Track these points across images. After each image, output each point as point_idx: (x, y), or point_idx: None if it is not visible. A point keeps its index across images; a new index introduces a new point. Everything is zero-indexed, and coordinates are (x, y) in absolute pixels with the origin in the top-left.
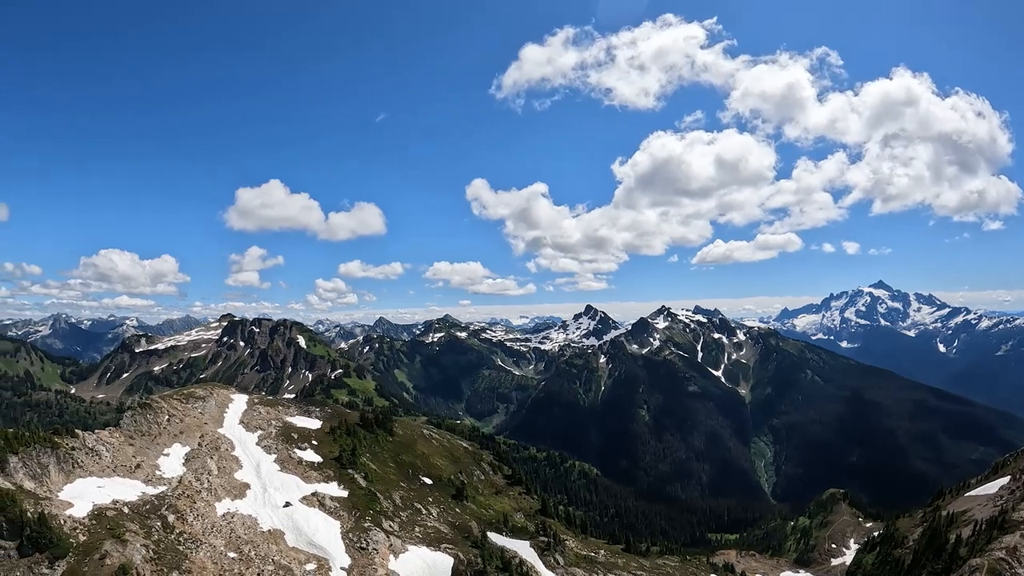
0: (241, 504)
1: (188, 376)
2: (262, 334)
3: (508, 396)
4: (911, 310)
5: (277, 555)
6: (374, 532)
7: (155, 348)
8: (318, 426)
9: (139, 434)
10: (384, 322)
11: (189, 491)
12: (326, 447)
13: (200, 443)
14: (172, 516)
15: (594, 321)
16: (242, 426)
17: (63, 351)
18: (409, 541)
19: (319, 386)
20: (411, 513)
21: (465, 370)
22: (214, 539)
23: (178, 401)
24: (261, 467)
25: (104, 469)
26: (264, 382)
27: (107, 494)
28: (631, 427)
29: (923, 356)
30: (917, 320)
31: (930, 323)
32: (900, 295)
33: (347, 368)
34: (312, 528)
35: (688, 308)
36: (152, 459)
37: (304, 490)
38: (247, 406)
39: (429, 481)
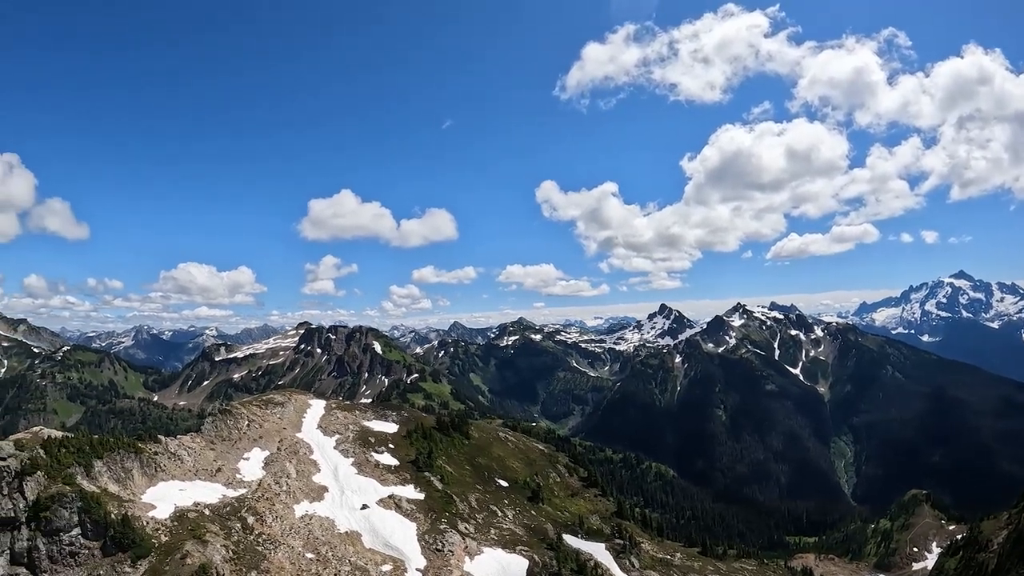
0: (319, 506)
1: (267, 383)
2: (338, 341)
3: (583, 398)
4: (994, 300)
5: (354, 556)
6: (450, 534)
7: (234, 356)
8: (394, 430)
9: (220, 439)
10: (459, 326)
11: (268, 494)
12: (402, 450)
13: (279, 447)
14: (252, 518)
15: (669, 320)
16: (320, 430)
17: (145, 361)
18: (484, 543)
19: (395, 390)
20: (487, 515)
21: (540, 372)
22: (292, 540)
23: (257, 407)
24: (339, 470)
25: (186, 473)
26: (341, 387)
27: (188, 497)
28: (708, 427)
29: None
30: (1001, 311)
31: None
32: (982, 285)
33: (423, 372)
34: (388, 530)
35: (764, 305)
36: (232, 463)
37: (381, 493)
38: (325, 411)
39: (505, 483)
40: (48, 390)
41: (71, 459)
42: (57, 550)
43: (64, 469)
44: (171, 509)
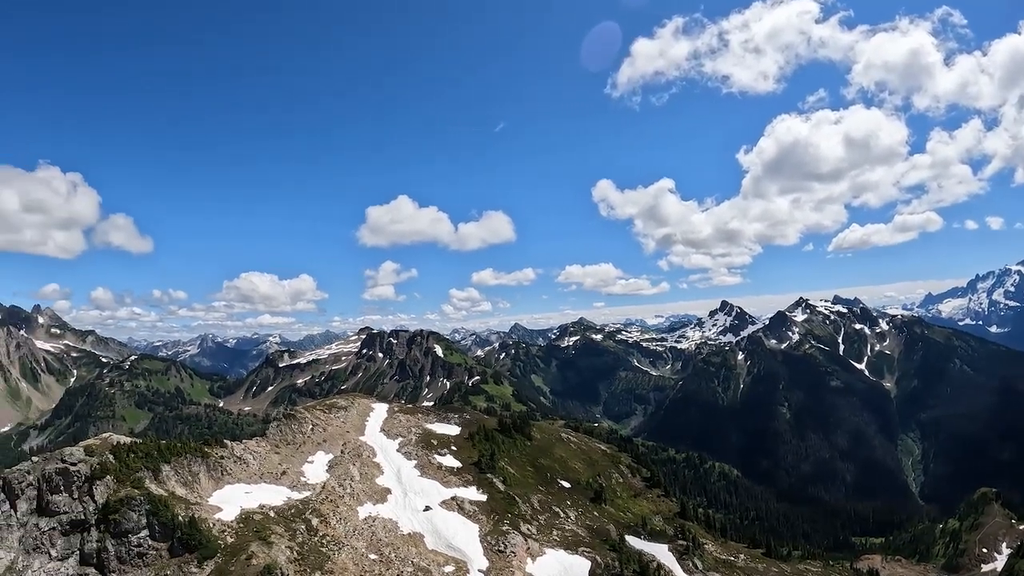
0: (382, 508)
1: (330, 387)
2: (400, 345)
3: (645, 397)
4: None
5: (416, 557)
6: (512, 535)
7: (297, 362)
8: (457, 432)
9: (284, 443)
10: (519, 328)
11: (332, 496)
12: (465, 452)
13: (343, 450)
14: (316, 520)
15: (730, 317)
16: (383, 433)
17: (210, 368)
18: (547, 544)
19: (457, 393)
20: (549, 516)
21: (601, 372)
22: (356, 541)
23: (321, 411)
24: (402, 472)
25: (251, 476)
26: (403, 391)
27: (254, 499)
28: (771, 426)
29: None
30: None
31: None
32: None
33: (484, 375)
34: (451, 531)
35: (827, 299)
36: (297, 466)
37: (444, 494)
38: (387, 414)
39: (567, 484)
40: (117, 398)
41: (140, 463)
42: (125, 551)
43: (133, 473)
44: (237, 511)
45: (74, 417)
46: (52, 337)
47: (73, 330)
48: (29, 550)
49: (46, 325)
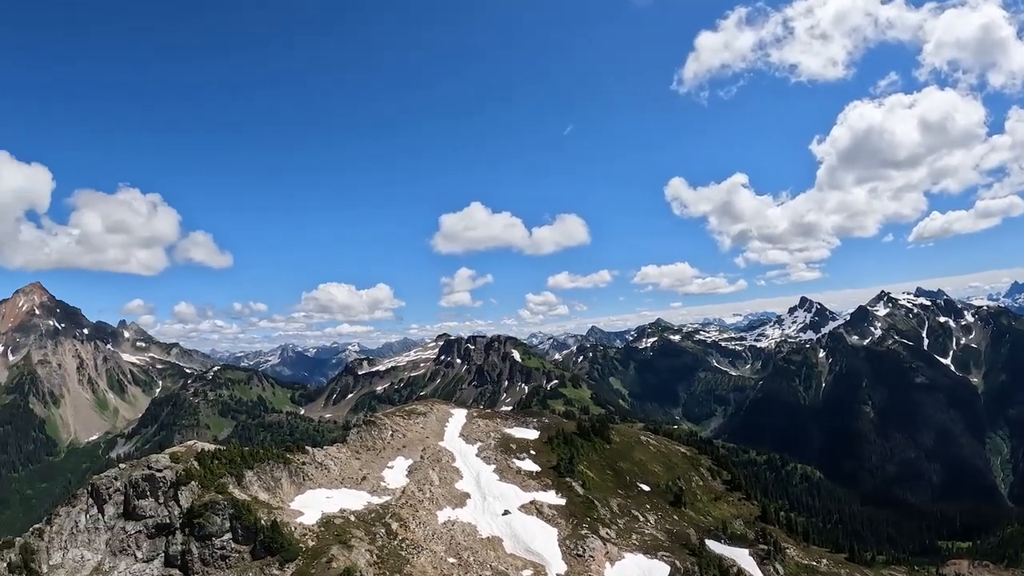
0: (461, 512)
1: (409, 394)
2: (477, 351)
3: (725, 398)
4: None
5: (495, 561)
6: (591, 539)
7: (376, 370)
8: (535, 436)
9: (364, 449)
10: (596, 331)
11: (412, 500)
12: (544, 456)
13: (422, 456)
14: (395, 524)
15: (810, 313)
16: (462, 439)
17: (291, 377)
18: (625, 548)
19: (535, 397)
20: (628, 520)
21: (680, 373)
22: (435, 545)
23: (400, 417)
24: (481, 477)
25: (332, 481)
26: (481, 396)
27: (335, 504)
28: (854, 425)
29: None
30: None
31: None
32: None
33: (562, 378)
34: (529, 535)
35: (909, 291)
36: (377, 471)
37: (522, 498)
38: (466, 419)
39: (646, 488)
40: (201, 407)
41: (223, 470)
42: (209, 553)
43: (217, 479)
44: (318, 515)
45: (159, 426)
46: (137, 350)
47: (158, 343)
48: (116, 552)
49: (132, 339)
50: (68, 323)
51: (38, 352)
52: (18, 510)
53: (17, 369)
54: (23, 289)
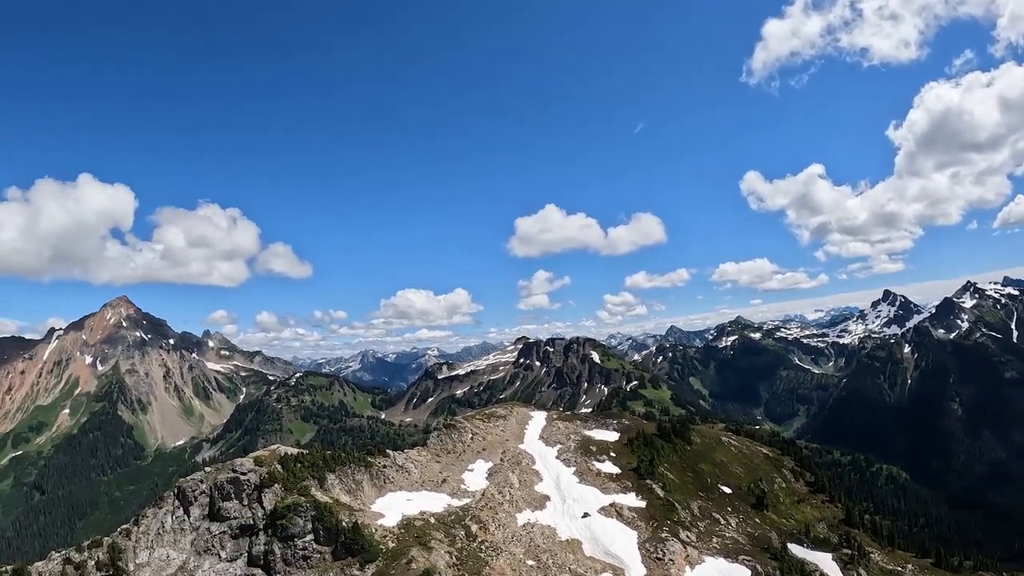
0: (541, 515)
1: (488, 397)
2: (556, 353)
3: (808, 397)
4: None
5: (574, 564)
6: (671, 542)
7: (456, 374)
8: (615, 438)
9: (445, 452)
10: (675, 330)
11: (492, 503)
12: (624, 458)
13: (502, 458)
14: (475, 526)
15: (893, 307)
16: (542, 441)
17: (372, 382)
18: (706, 552)
19: (615, 399)
20: (709, 523)
21: (761, 372)
22: (514, 547)
23: (480, 420)
24: (560, 479)
25: (412, 484)
26: (561, 398)
27: (415, 506)
28: (941, 424)
29: None
30: None
31: None
32: None
33: (642, 379)
34: (609, 538)
35: (996, 280)
36: (457, 474)
37: (602, 501)
38: (546, 422)
39: (728, 490)
40: (283, 412)
41: (306, 472)
42: (291, 554)
43: (299, 482)
44: (398, 517)
45: (243, 431)
46: (222, 359)
47: (241, 352)
48: (200, 551)
49: (216, 348)
50: (154, 334)
51: (126, 362)
52: (106, 511)
53: (106, 378)
54: (110, 303)
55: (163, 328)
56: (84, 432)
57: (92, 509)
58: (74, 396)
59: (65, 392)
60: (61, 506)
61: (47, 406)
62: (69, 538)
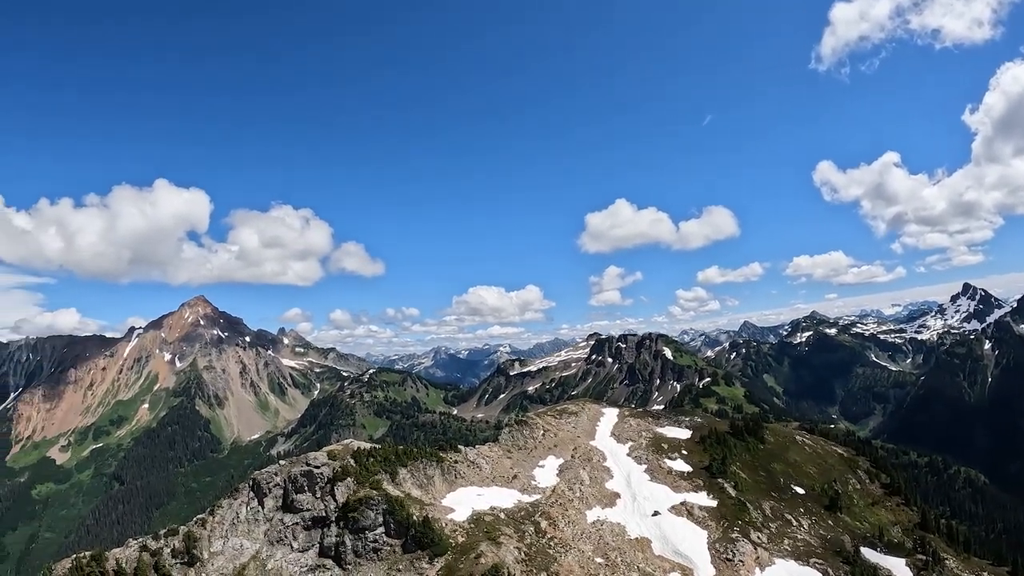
0: (610, 512)
1: (560, 394)
2: (628, 349)
3: (884, 395)
4: None
5: (642, 562)
6: (741, 543)
7: (528, 370)
8: (687, 436)
9: (516, 448)
10: (749, 326)
11: (562, 499)
12: (696, 456)
13: (573, 455)
14: (544, 522)
15: (973, 301)
16: (613, 438)
17: (444, 379)
18: (776, 554)
19: (687, 396)
20: (780, 524)
21: (836, 369)
22: (583, 545)
23: (552, 417)
24: (631, 477)
25: (483, 479)
26: (633, 395)
27: (485, 501)
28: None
29: None
30: None
31: None
32: None
33: (714, 376)
34: (679, 537)
35: None
36: (528, 470)
37: (673, 499)
38: (617, 419)
39: (801, 491)
40: (357, 408)
41: (378, 467)
42: (362, 546)
43: (372, 476)
44: (468, 512)
45: (317, 425)
46: (296, 355)
47: (315, 348)
48: (273, 542)
49: (291, 345)
50: (231, 332)
51: (203, 359)
52: (183, 501)
53: (184, 375)
54: (188, 302)
55: (239, 326)
56: (162, 426)
57: (169, 499)
58: (153, 391)
59: (144, 388)
60: (139, 496)
61: (127, 401)
62: (146, 527)
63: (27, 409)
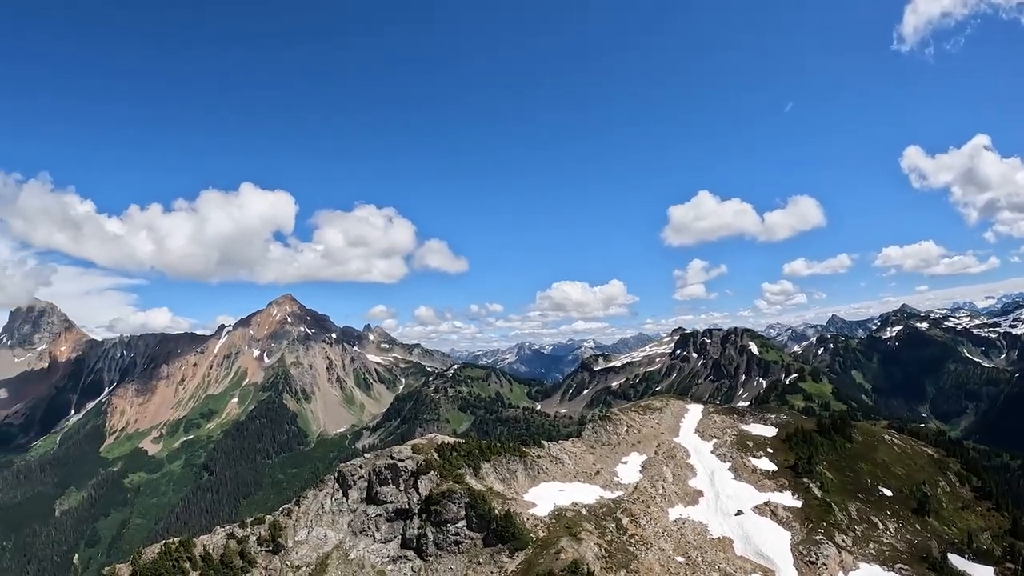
0: (693, 511)
1: (644, 389)
2: (713, 344)
3: (977, 393)
4: None
5: (723, 563)
6: (825, 546)
7: (611, 366)
8: (773, 433)
9: (599, 444)
10: (837, 320)
11: (644, 496)
12: (781, 455)
13: (656, 452)
14: (626, 519)
15: None
16: (697, 435)
17: (528, 374)
18: (861, 558)
19: (773, 392)
20: (866, 527)
21: (927, 365)
22: (663, 543)
23: (636, 413)
24: (715, 475)
25: (566, 475)
26: (718, 391)
27: (567, 497)
28: None
29: None
30: None
31: None
32: None
33: (801, 372)
34: (761, 538)
35: None
36: (610, 466)
37: (757, 499)
38: (702, 415)
39: (888, 492)
40: (441, 402)
41: (461, 461)
42: (443, 538)
43: (455, 470)
44: (550, 508)
45: (402, 420)
46: (381, 351)
47: (400, 344)
48: (356, 532)
49: (376, 341)
50: (317, 329)
51: (291, 355)
52: (270, 492)
53: (272, 370)
54: (276, 301)
55: (326, 323)
56: (251, 419)
57: (256, 489)
58: (242, 386)
59: (234, 383)
60: (227, 486)
61: (217, 395)
62: (233, 515)
63: (121, 403)
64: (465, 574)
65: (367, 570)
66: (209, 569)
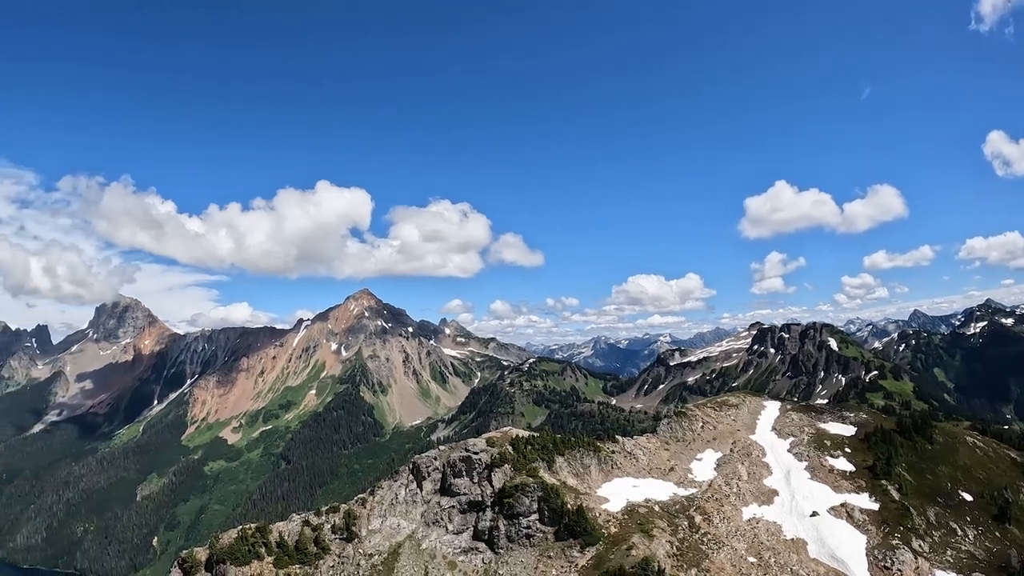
0: (767, 510)
1: (720, 385)
2: (791, 339)
3: None
4: None
5: (796, 565)
6: (901, 551)
7: (688, 360)
8: (851, 433)
9: (674, 440)
10: (919, 315)
11: (718, 494)
12: (859, 455)
13: (732, 449)
14: (699, 517)
15: None
16: (774, 433)
17: (603, 368)
18: (937, 565)
19: (852, 390)
20: (944, 533)
21: (1012, 364)
22: (736, 542)
23: (711, 409)
24: (791, 474)
25: (640, 471)
26: (795, 388)
27: (640, 493)
28: None
29: None
30: None
31: None
32: None
33: (881, 369)
34: (836, 541)
35: None
36: (685, 463)
37: (833, 500)
38: (779, 412)
39: (968, 497)
40: (516, 396)
41: (535, 455)
42: (515, 531)
43: (529, 463)
44: (623, 503)
45: (477, 413)
46: (457, 345)
47: (476, 338)
48: (429, 523)
49: (452, 335)
50: (394, 323)
51: (368, 348)
52: (345, 481)
53: (349, 363)
54: (353, 295)
55: (402, 317)
56: (328, 410)
57: (332, 479)
58: (320, 379)
59: (312, 375)
60: (304, 475)
61: (295, 387)
62: (309, 503)
63: (202, 394)
64: (536, 567)
65: (438, 560)
66: (284, 555)
